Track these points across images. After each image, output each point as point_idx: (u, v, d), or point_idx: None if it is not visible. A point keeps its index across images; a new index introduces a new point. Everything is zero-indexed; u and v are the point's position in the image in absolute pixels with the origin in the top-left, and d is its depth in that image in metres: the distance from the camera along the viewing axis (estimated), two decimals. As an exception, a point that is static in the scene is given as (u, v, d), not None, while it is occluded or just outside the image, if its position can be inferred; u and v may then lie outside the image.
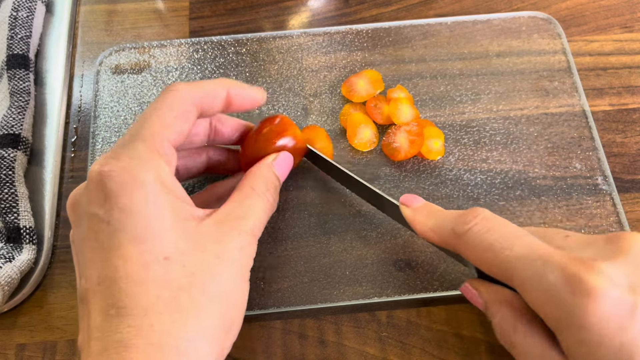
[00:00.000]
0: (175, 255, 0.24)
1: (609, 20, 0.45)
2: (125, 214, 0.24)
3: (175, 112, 0.27)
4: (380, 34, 0.44)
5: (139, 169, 0.25)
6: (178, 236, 0.25)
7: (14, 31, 0.41)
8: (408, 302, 0.35)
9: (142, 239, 0.24)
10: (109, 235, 0.24)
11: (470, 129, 0.40)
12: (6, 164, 0.36)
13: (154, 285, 0.23)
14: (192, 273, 0.24)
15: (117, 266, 0.23)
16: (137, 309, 0.23)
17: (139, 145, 0.26)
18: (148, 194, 0.24)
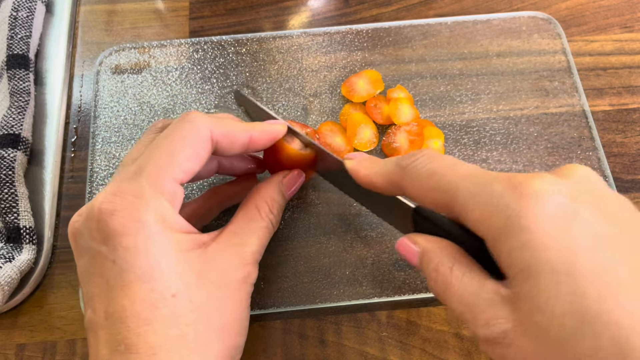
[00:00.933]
0: (181, 291, 0.24)
1: (609, 20, 0.45)
2: (130, 253, 0.24)
3: (188, 150, 0.26)
4: (380, 34, 0.44)
5: (140, 209, 0.24)
6: (184, 270, 0.25)
7: (14, 31, 0.41)
8: (408, 302, 0.35)
9: (149, 278, 0.24)
10: (115, 274, 0.24)
11: (470, 129, 0.40)
12: (6, 164, 0.36)
13: (162, 324, 0.23)
14: (197, 307, 0.24)
15: (124, 305, 0.23)
16: (145, 348, 0.23)
17: (142, 183, 0.25)
18: (151, 233, 0.24)
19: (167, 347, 0.23)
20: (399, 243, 0.27)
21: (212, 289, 0.25)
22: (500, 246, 0.21)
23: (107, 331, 0.23)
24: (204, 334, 0.24)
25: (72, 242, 0.26)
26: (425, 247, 0.25)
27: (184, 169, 0.26)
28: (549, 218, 0.20)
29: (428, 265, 0.25)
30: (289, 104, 0.41)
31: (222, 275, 0.26)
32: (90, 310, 0.25)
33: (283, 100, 0.41)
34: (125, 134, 0.40)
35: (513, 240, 0.21)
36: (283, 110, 0.40)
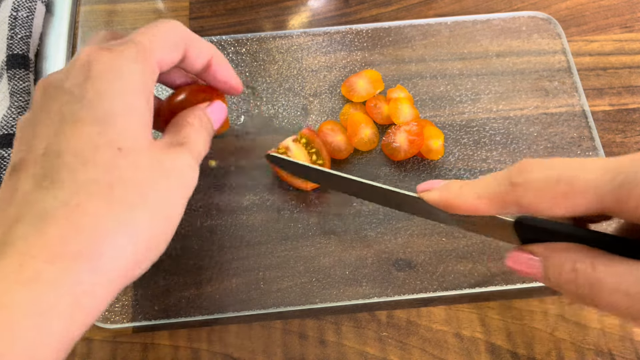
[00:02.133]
0: (129, 150, 0.24)
1: (609, 20, 0.45)
2: (99, 97, 0.24)
3: (169, 38, 0.28)
4: (380, 34, 0.44)
5: (127, 63, 0.25)
6: (137, 135, 0.25)
7: (14, 31, 0.41)
8: (408, 302, 0.35)
9: (104, 122, 0.24)
10: (74, 110, 0.24)
11: (470, 129, 0.40)
12: (6, 163, 0.36)
13: (97, 168, 0.23)
14: (136, 173, 0.24)
15: (69, 140, 0.23)
16: (71, 185, 0.22)
17: (130, 46, 0.26)
18: (126, 87, 0.25)
19: (92, 191, 0.22)
20: (511, 258, 0.25)
21: (156, 165, 0.25)
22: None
23: (39, 166, 0.23)
24: (133, 198, 0.23)
25: (39, 92, 0.26)
26: (548, 253, 0.24)
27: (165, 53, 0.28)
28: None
29: (560, 270, 0.23)
30: (289, 104, 0.41)
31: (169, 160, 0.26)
32: (25, 151, 0.24)
33: (283, 100, 0.41)
34: (125, 134, 0.40)
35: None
36: (283, 110, 0.40)
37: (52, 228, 0.21)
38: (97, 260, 0.22)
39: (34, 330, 0.20)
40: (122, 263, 0.23)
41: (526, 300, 0.35)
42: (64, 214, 0.22)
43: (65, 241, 0.21)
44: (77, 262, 0.21)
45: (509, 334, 0.34)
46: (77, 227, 0.22)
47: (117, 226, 0.23)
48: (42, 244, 0.21)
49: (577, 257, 0.23)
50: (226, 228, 0.36)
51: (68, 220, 0.22)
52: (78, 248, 0.21)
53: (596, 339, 0.34)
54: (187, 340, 0.34)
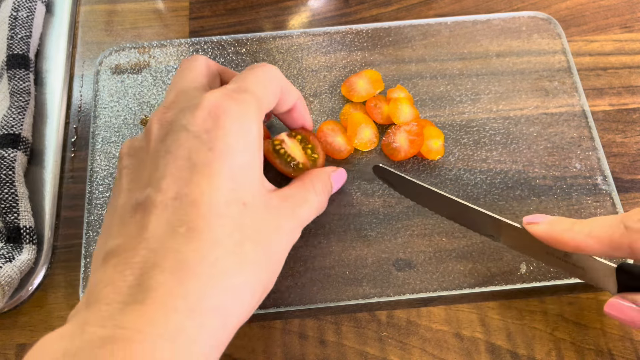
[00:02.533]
0: (252, 206, 0.25)
1: (609, 20, 0.45)
2: (229, 150, 0.25)
3: (273, 88, 0.29)
4: (380, 34, 0.44)
5: (250, 117, 0.26)
6: (259, 191, 0.26)
7: (14, 31, 0.41)
8: (408, 302, 0.35)
9: (235, 178, 0.25)
10: (207, 160, 0.24)
11: (470, 129, 0.40)
12: (6, 164, 0.36)
13: (231, 224, 0.24)
14: (259, 230, 0.25)
15: (204, 191, 0.23)
16: (208, 238, 0.23)
17: (249, 97, 0.27)
18: (250, 143, 0.26)
19: (228, 247, 0.23)
20: (612, 305, 0.26)
21: (272, 222, 0.27)
22: None
23: (171, 210, 0.23)
24: (259, 254, 0.25)
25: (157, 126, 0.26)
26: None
27: (270, 102, 0.29)
28: None
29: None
30: (289, 104, 0.41)
31: (280, 218, 0.27)
32: (152, 189, 0.24)
33: (283, 100, 0.41)
34: (125, 133, 0.40)
35: None
36: (283, 110, 0.40)
37: (193, 281, 0.22)
38: (227, 317, 0.23)
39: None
40: (243, 317, 0.25)
41: (526, 300, 0.35)
42: (203, 269, 0.22)
43: (204, 297, 0.22)
44: (212, 318, 0.22)
45: (509, 334, 0.34)
46: (214, 283, 0.22)
47: (244, 284, 0.24)
48: (183, 297, 0.21)
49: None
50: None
51: (207, 275, 0.22)
52: (214, 304, 0.22)
53: (596, 339, 0.34)
54: (187, 340, 0.34)
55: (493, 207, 0.37)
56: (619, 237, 0.25)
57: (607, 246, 0.26)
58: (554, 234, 0.27)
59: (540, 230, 0.28)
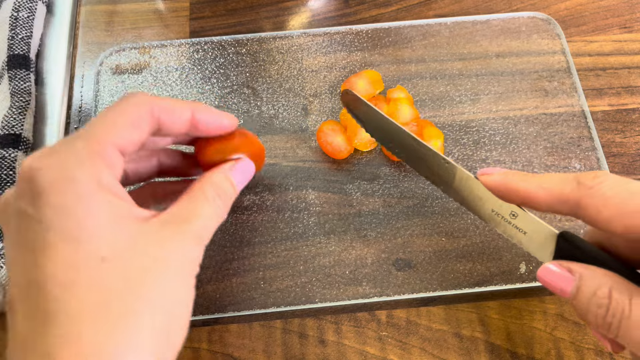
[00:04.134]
0: (111, 257, 0.22)
1: (608, 20, 0.45)
2: (58, 213, 0.22)
3: (127, 118, 0.25)
4: (380, 34, 0.44)
5: (73, 167, 0.23)
6: (116, 236, 0.23)
7: (15, 31, 0.41)
8: (408, 302, 0.35)
9: (75, 239, 0.22)
10: (39, 235, 0.22)
11: (470, 129, 0.40)
12: (7, 164, 0.36)
13: (84, 288, 0.21)
14: (127, 276, 0.22)
15: (45, 267, 0.21)
16: (65, 316, 0.21)
17: (78, 144, 0.23)
18: (82, 191, 0.22)
19: (89, 316, 0.21)
20: (545, 271, 0.25)
21: (147, 260, 0.23)
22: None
23: (26, 302, 0.21)
24: (131, 306, 0.22)
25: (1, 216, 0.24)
26: (585, 274, 0.24)
27: (124, 135, 0.25)
28: None
29: (595, 293, 0.23)
30: (289, 104, 0.41)
31: (161, 248, 0.23)
32: (12, 284, 0.22)
33: (283, 100, 0.41)
34: (126, 134, 0.40)
35: None
36: (283, 110, 0.41)
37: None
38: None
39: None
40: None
41: (526, 300, 0.35)
42: (69, 351, 0.20)
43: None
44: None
45: (508, 333, 0.34)
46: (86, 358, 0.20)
47: (127, 342, 0.21)
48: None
49: (615, 285, 0.23)
50: (226, 228, 0.36)
51: (76, 354, 0.20)
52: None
53: (595, 338, 0.34)
54: (187, 340, 0.34)
55: (493, 207, 0.37)
56: (569, 191, 0.25)
57: (556, 199, 0.25)
58: (507, 183, 0.27)
59: (493, 179, 0.28)
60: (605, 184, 0.24)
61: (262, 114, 0.40)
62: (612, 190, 0.23)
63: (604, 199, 0.23)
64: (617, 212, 0.23)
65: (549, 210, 0.26)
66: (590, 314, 0.23)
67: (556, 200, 0.25)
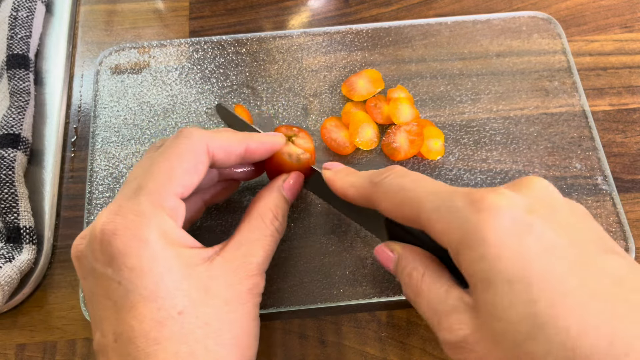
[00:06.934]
0: (188, 308, 0.24)
1: (609, 20, 0.45)
2: (135, 274, 0.24)
3: (185, 165, 0.27)
4: (380, 34, 0.44)
5: (143, 226, 0.24)
6: (190, 286, 0.25)
7: (14, 31, 0.41)
8: (408, 302, 0.35)
9: (155, 297, 0.24)
10: (121, 295, 0.24)
11: (470, 129, 0.40)
12: (6, 164, 0.36)
13: (170, 342, 0.23)
14: (205, 323, 0.24)
15: (132, 326, 0.23)
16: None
17: (142, 201, 0.25)
18: (155, 251, 0.24)
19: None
20: (377, 250, 0.28)
21: (219, 303, 0.25)
22: (461, 257, 0.23)
23: (117, 353, 0.24)
24: (214, 350, 0.24)
25: (76, 264, 0.26)
26: (401, 253, 0.27)
27: (183, 183, 0.26)
28: (505, 231, 0.22)
29: (403, 271, 0.26)
30: (289, 104, 0.41)
31: (229, 289, 0.26)
32: (99, 333, 0.25)
33: (283, 100, 0.41)
34: (125, 133, 0.40)
35: (472, 252, 0.22)
36: (283, 110, 0.40)
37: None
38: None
39: None
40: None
41: (526, 300, 0.35)
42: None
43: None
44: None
45: (509, 334, 0.34)
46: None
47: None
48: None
49: (416, 264, 0.26)
50: (226, 228, 0.36)
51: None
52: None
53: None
54: (187, 340, 0.34)
55: (493, 207, 0.37)
56: (367, 190, 0.28)
57: (361, 197, 0.28)
58: (332, 180, 0.30)
59: (327, 175, 0.30)
60: (386, 180, 0.27)
61: (262, 114, 0.40)
62: (389, 186, 0.26)
63: (383, 194, 0.27)
64: (392, 206, 0.26)
65: (361, 204, 0.29)
66: (403, 284, 0.27)
67: (360, 197, 0.28)
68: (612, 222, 0.37)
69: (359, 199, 0.28)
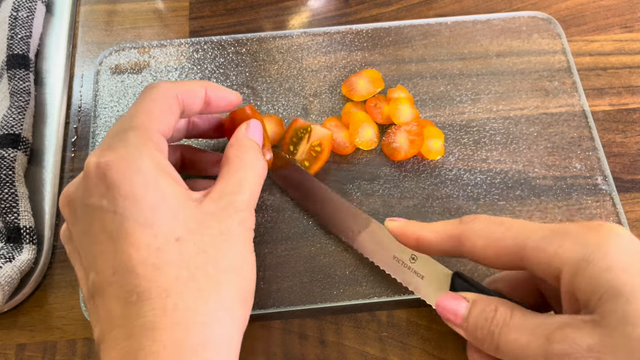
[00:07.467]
0: (185, 235, 0.25)
1: (609, 20, 0.45)
2: (130, 201, 0.24)
3: (161, 106, 0.28)
4: (380, 34, 0.44)
5: (134, 156, 0.25)
6: (185, 216, 0.25)
7: (14, 31, 0.41)
8: (408, 302, 0.35)
9: (151, 223, 0.24)
10: (117, 224, 0.24)
11: (470, 129, 0.40)
12: (6, 164, 0.36)
13: (171, 266, 0.24)
14: (203, 251, 0.25)
15: (131, 254, 0.24)
16: (159, 292, 0.23)
17: (130, 135, 0.26)
18: (148, 178, 0.25)
19: (180, 289, 0.24)
20: (443, 298, 0.28)
21: (214, 234, 0.26)
22: (581, 275, 0.24)
23: (116, 286, 0.24)
24: (214, 275, 0.25)
25: (66, 209, 0.27)
26: (476, 297, 0.27)
27: (163, 121, 0.28)
28: (627, 248, 0.24)
29: (482, 311, 0.26)
30: (289, 104, 0.41)
31: (221, 222, 0.26)
32: (94, 273, 0.25)
33: (283, 100, 0.41)
34: (125, 134, 0.40)
35: (595, 266, 0.23)
36: (283, 110, 0.40)
37: (166, 335, 0.23)
38: (212, 348, 0.24)
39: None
40: (230, 335, 0.25)
41: (526, 300, 0.35)
42: (167, 320, 0.23)
43: (181, 343, 0.23)
44: (197, 356, 0.23)
45: (509, 334, 0.34)
46: (184, 325, 0.23)
47: (217, 306, 0.24)
48: (163, 352, 0.23)
49: (500, 302, 0.27)
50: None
51: (174, 322, 0.23)
52: (194, 344, 0.23)
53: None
54: (187, 340, 0.34)
55: (493, 207, 0.37)
56: (453, 229, 0.28)
57: (444, 236, 0.29)
58: (404, 228, 0.30)
59: (396, 225, 0.31)
60: (479, 219, 0.28)
61: (262, 114, 0.40)
62: (483, 224, 0.27)
63: (479, 231, 0.27)
64: (488, 240, 0.27)
65: (439, 250, 0.29)
66: (478, 329, 0.26)
67: (445, 237, 0.29)
68: (611, 222, 0.37)
69: (439, 239, 0.29)
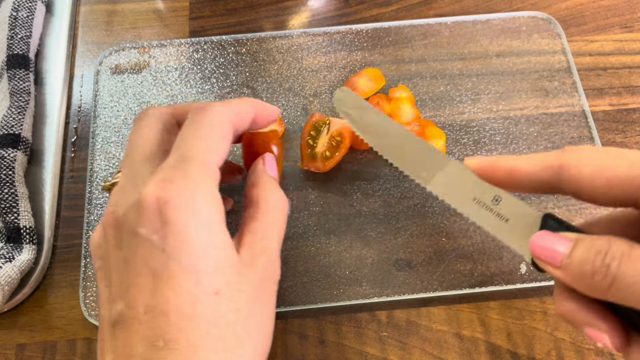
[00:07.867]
0: (224, 289, 0.24)
1: (609, 20, 0.45)
2: (180, 242, 0.23)
3: (217, 133, 0.27)
4: (380, 34, 0.44)
5: (194, 193, 0.24)
6: (227, 266, 0.24)
7: (14, 31, 0.41)
8: (408, 302, 0.35)
9: (195, 270, 0.23)
10: (162, 263, 0.23)
11: (470, 129, 0.40)
12: (6, 164, 0.36)
13: (204, 321, 0.23)
14: (237, 309, 0.24)
15: (169, 297, 0.23)
16: (186, 345, 0.23)
17: (192, 167, 0.25)
18: (202, 221, 0.24)
19: (207, 346, 0.23)
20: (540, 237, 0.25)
21: (249, 289, 0.25)
22: None
23: (145, 326, 0.23)
24: (240, 336, 0.24)
25: (112, 231, 0.25)
26: (580, 236, 0.23)
27: (219, 151, 0.26)
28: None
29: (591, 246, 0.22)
30: (289, 104, 0.41)
31: (255, 274, 0.25)
32: (123, 304, 0.24)
33: (283, 100, 0.41)
34: (125, 134, 0.40)
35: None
36: (283, 110, 0.40)
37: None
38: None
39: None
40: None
41: (526, 300, 0.35)
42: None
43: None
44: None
45: (509, 334, 0.34)
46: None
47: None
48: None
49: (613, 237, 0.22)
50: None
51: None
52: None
53: (596, 339, 0.34)
54: (187, 340, 0.34)
55: (493, 207, 0.37)
56: (552, 158, 0.25)
57: (540, 166, 0.26)
58: (494, 161, 0.27)
59: (483, 159, 0.28)
60: (585, 147, 0.25)
61: (262, 114, 0.40)
62: (592, 150, 0.25)
63: (586, 157, 0.24)
64: (598, 167, 0.24)
65: (532, 186, 0.26)
66: (588, 263, 0.22)
67: (543, 167, 0.26)
68: (612, 222, 0.37)
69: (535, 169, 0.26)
